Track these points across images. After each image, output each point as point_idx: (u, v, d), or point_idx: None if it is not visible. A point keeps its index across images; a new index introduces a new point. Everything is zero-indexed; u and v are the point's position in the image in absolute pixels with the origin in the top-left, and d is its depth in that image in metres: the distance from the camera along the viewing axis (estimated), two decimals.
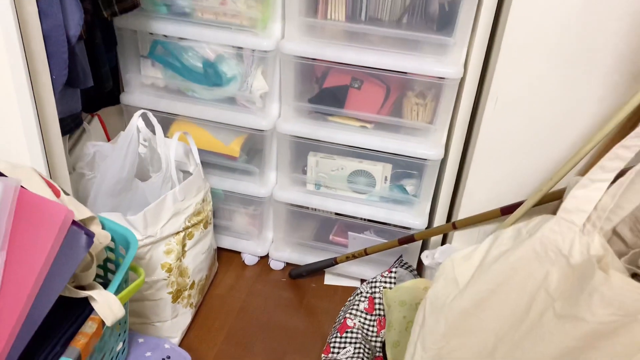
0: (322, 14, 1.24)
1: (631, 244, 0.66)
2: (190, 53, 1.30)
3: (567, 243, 0.61)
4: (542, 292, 0.61)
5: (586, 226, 0.62)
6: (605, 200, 0.60)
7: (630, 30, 0.91)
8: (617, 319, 0.52)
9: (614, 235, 0.68)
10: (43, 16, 0.88)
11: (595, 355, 0.52)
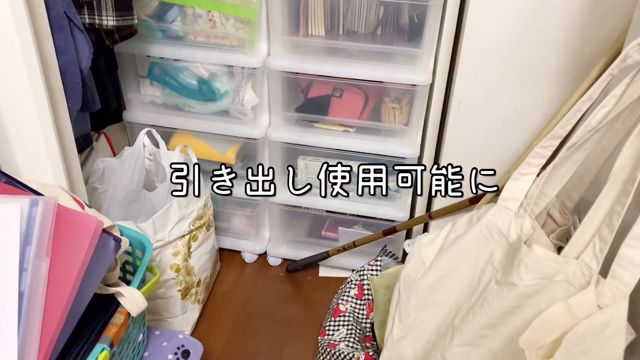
0: (303, 31, 1.38)
1: (560, 223, 0.81)
2: (186, 72, 1.44)
3: (506, 225, 0.76)
4: (489, 266, 0.76)
5: (519, 211, 0.77)
6: (532, 189, 0.76)
7: (566, 39, 1.07)
8: (539, 282, 0.67)
9: (548, 217, 0.83)
10: (59, 53, 1.03)
11: (526, 311, 0.67)
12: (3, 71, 0.96)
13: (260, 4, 1.32)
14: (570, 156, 0.74)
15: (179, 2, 1.35)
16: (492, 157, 1.21)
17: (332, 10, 1.34)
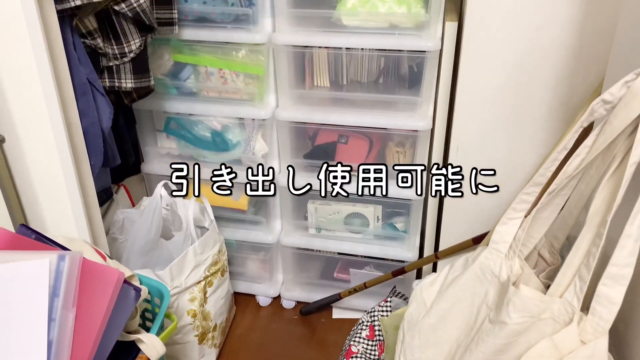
0: (309, 83, 1.48)
1: (550, 262, 0.87)
2: (200, 125, 1.55)
3: (497, 266, 0.82)
4: (484, 305, 0.82)
5: (509, 253, 0.83)
6: (519, 232, 0.82)
7: (555, 86, 1.14)
8: (527, 320, 0.72)
9: (539, 256, 0.88)
10: (82, 116, 1.13)
11: (516, 348, 0.72)
12: (32, 134, 1.06)
13: (267, 60, 1.42)
14: (551, 201, 0.80)
15: (192, 62, 1.46)
16: (492, 197, 1.27)
17: (336, 62, 1.44)
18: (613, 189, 0.67)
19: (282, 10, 1.36)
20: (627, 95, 0.64)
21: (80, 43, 1.14)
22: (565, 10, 1.08)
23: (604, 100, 0.68)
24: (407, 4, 1.30)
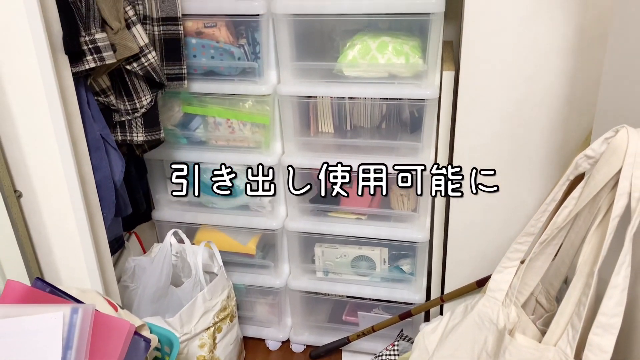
0: (313, 129, 1.54)
1: (547, 309, 0.89)
2: (208, 173, 1.60)
3: (495, 314, 0.85)
4: (483, 352, 0.84)
5: (505, 300, 0.85)
6: (515, 281, 0.85)
7: (550, 133, 1.18)
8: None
9: (537, 303, 0.90)
10: (95, 170, 1.19)
11: None
12: (48, 189, 1.12)
13: (273, 110, 1.48)
14: (543, 250, 0.83)
15: (201, 113, 1.53)
16: (493, 241, 1.30)
17: (339, 109, 1.50)
18: (599, 240, 0.70)
19: (286, 63, 1.42)
20: (607, 151, 0.68)
21: (94, 101, 1.21)
22: (555, 61, 1.13)
23: (586, 156, 0.72)
24: (405, 55, 1.36)
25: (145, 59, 1.23)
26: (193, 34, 1.42)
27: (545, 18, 1.11)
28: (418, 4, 1.28)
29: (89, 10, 1.08)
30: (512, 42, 1.15)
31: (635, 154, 0.65)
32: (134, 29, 1.21)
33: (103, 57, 1.12)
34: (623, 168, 0.66)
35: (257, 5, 1.35)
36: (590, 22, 1.09)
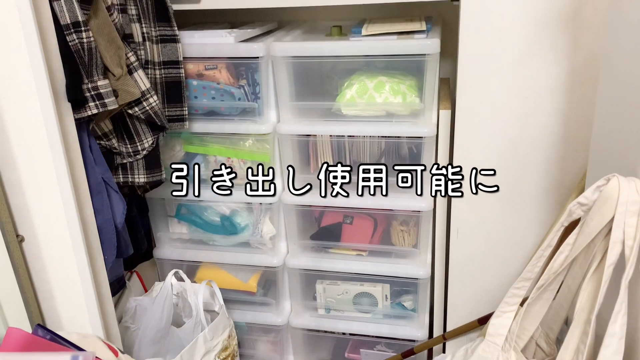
0: (313, 167, 1.55)
1: (547, 353, 0.89)
2: (210, 210, 1.61)
3: (494, 359, 0.85)
4: None
5: (505, 345, 0.85)
6: (514, 325, 0.85)
7: (547, 170, 1.20)
8: None
9: (537, 346, 0.90)
10: (97, 213, 1.21)
11: None
12: (49, 234, 1.13)
13: (273, 148, 1.50)
14: (540, 295, 0.83)
15: (202, 152, 1.55)
16: (493, 279, 1.30)
17: (338, 146, 1.52)
18: (595, 287, 0.71)
19: (285, 103, 1.45)
20: (599, 199, 0.69)
21: (95, 144, 1.23)
22: (549, 101, 1.15)
23: (580, 203, 0.73)
24: (402, 94, 1.38)
25: (146, 103, 1.25)
26: (194, 75, 1.45)
27: (537, 59, 1.14)
28: (414, 46, 1.30)
29: (92, 58, 1.11)
30: (507, 82, 1.17)
31: (627, 202, 0.66)
32: (136, 74, 1.23)
33: (105, 103, 1.14)
34: (615, 216, 0.67)
35: (256, 48, 1.39)
36: (582, 63, 1.11)
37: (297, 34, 1.54)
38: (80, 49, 1.09)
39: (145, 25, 1.29)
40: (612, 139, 0.82)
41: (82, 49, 1.09)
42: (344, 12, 1.65)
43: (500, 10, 1.12)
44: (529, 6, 1.11)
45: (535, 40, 1.12)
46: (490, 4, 1.12)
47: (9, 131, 1.07)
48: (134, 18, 1.27)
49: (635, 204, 0.66)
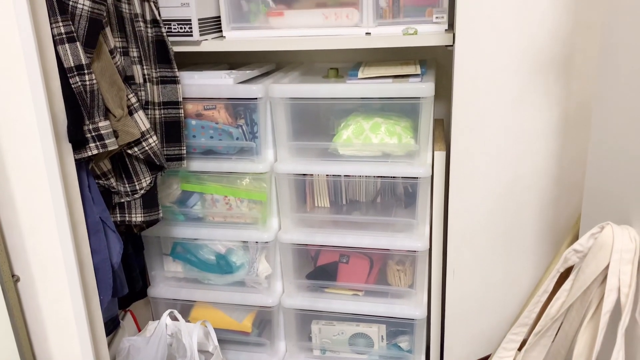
0: (310, 205, 1.57)
1: None
2: (205, 249, 1.62)
3: None
4: None
5: None
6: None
7: (541, 212, 1.21)
8: None
9: None
10: (94, 253, 1.21)
11: None
12: (45, 274, 1.13)
13: (270, 187, 1.52)
14: (538, 341, 0.84)
15: (199, 190, 1.56)
16: (490, 320, 1.30)
17: (335, 185, 1.54)
18: (592, 334, 0.71)
19: (282, 142, 1.47)
20: (594, 247, 0.71)
21: (94, 184, 1.24)
22: (543, 144, 1.18)
23: (575, 250, 0.74)
24: (397, 135, 1.41)
25: (146, 143, 1.27)
26: (193, 115, 1.48)
27: (531, 104, 1.17)
28: (409, 90, 1.34)
29: (94, 100, 1.13)
30: (501, 125, 1.20)
31: (621, 250, 0.68)
32: (136, 115, 1.26)
33: (106, 144, 1.16)
34: (610, 264, 0.68)
35: (255, 89, 1.42)
36: (574, 109, 1.15)
37: (294, 75, 1.57)
38: (82, 91, 1.11)
39: (147, 67, 1.32)
40: (605, 188, 0.84)
41: (84, 91, 1.11)
42: (340, 54, 1.70)
43: (494, 57, 1.16)
44: (522, 53, 1.15)
45: (528, 86, 1.16)
46: (483, 50, 1.16)
47: (8, 171, 1.08)
48: (135, 60, 1.30)
49: (629, 252, 0.68)
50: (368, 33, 1.42)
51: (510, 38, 1.14)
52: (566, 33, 1.11)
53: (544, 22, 1.11)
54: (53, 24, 1.06)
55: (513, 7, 1.12)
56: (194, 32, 1.42)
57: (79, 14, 1.10)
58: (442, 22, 1.37)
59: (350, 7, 1.42)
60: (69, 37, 1.08)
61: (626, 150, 0.80)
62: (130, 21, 1.27)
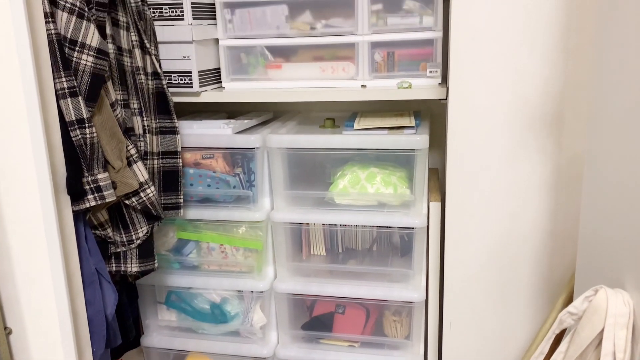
0: (306, 253, 1.57)
1: None
2: (200, 298, 1.61)
3: None
4: None
5: None
6: None
7: (536, 265, 1.22)
8: None
9: None
10: (88, 305, 1.20)
11: None
12: (38, 326, 1.12)
13: (266, 235, 1.53)
14: None
15: (194, 238, 1.57)
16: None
17: (331, 233, 1.55)
18: None
19: (279, 191, 1.49)
20: (588, 310, 0.72)
21: (91, 235, 1.24)
22: (536, 198, 1.20)
23: (570, 312, 0.75)
24: (393, 185, 1.43)
25: (144, 193, 1.28)
26: (191, 164, 1.49)
27: (524, 158, 1.20)
28: (404, 142, 1.37)
29: (94, 152, 1.15)
30: (495, 179, 1.22)
31: (616, 314, 0.68)
32: (135, 166, 1.27)
33: (104, 195, 1.17)
34: (605, 329, 0.69)
35: (253, 139, 1.44)
36: (566, 163, 1.17)
37: (292, 125, 1.60)
38: (83, 144, 1.13)
39: (147, 118, 1.34)
40: (598, 250, 0.85)
41: (84, 144, 1.13)
42: (336, 104, 1.74)
43: (486, 112, 1.19)
44: (514, 108, 1.18)
45: (521, 141, 1.19)
46: (476, 105, 1.20)
47: (5, 222, 1.09)
48: (135, 112, 1.33)
49: (623, 316, 0.69)
50: (364, 85, 1.45)
51: (502, 94, 1.17)
52: (557, 90, 1.15)
53: (535, 79, 1.15)
54: (56, 79, 1.09)
55: (505, 64, 1.16)
56: (194, 83, 1.45)
57: (82, 69, 1.12)
58: (436, 77, 1.41)
59: (347, 60, 1.46)
60: (72, 92, 1.10)
61: (618, 212, 0.82)
62: (132, 74, 1.31)
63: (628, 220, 0.77)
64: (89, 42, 1.11)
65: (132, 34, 1.30)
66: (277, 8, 1.47)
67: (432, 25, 1.39)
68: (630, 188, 0.77)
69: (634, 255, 0.73)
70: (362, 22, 1.42)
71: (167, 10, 1.42)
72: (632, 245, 0.75)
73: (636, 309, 0.69)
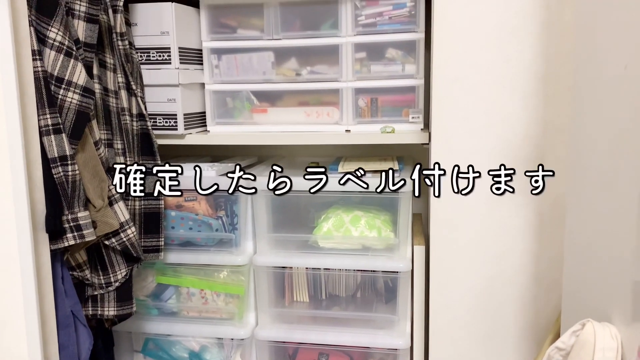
0: (288, 299, 1.55)
1: None
2: (178, 346, 1.56)
3: None
4: None
5: None
6: None
7: (522, 308, 1.22)
8: None
9: None
10: (61, 349, 1.16)
11: None
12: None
13: (248, 280, 1.50)
14: None
15: (174, 283, 1.54)
16: None
17: (314, 279, 1.53)
18: None
19: (262, 234, 1.48)
20: (576, 345, 0.71)
21: (68, 276, 1.21)
22: (521, 241, 1.21)
23: (557, 348, 0.75)
24: (377, 229, 1.43)
25: (124, 234, 1.26)
26: (173, 206, 1.48)
27: (506, 201, 1.21)
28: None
29: (75, 190, 1.14)
30: (479, 223, 1.23)
31: (604, 348, 0.68)
32: (116, 205, 1.26)
33: (83, 234, 1.15)
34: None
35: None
36: (549, 206, 1.19)
37: None
38: (64, 181, 1.12)
39: (130, 158, 1.34)
40: (583, 287, 0.86)
41: (66, 181, 1.12)
42: (321, 149, 1.76)
43: (468, 156, 1.22)
44: (495, 152, 1.21)
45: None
46: (458, 149, 1.22)
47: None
48: (119, 152, 1.33)
49: (611, 350, 0.68)
50: (348, 130, 1.48)
51: (483, 138, 1.20)
52: (537, 134, 1.18)
53: (516, 123, 1.18)
54: (41, 115, 1.09)
55: (485, 110, 1.19)
56: (179, 126, 1.46)
57: (67, 106, 1.13)
58: (418, 122, 1.44)
59: (331, 106, 1.50)
60: (55, 129, 1.10)
61: (601, 248, 0.83)
62: (117, 114, 1.32)
63: (612, 253, 0.78)
64: (75, 80, 1.12)
65: (119, 75, 1.31)
66: (263, 54, 1.51)
67: (414, 73, 1.44)
68: (612, 220, 0.79)
69: (620, 288, 0.73)
70: (347, 69, 1.46)
71: (155, 55, 1.45)
72: (616, 280, 0.75)
73: (624, 342, 0.69)
